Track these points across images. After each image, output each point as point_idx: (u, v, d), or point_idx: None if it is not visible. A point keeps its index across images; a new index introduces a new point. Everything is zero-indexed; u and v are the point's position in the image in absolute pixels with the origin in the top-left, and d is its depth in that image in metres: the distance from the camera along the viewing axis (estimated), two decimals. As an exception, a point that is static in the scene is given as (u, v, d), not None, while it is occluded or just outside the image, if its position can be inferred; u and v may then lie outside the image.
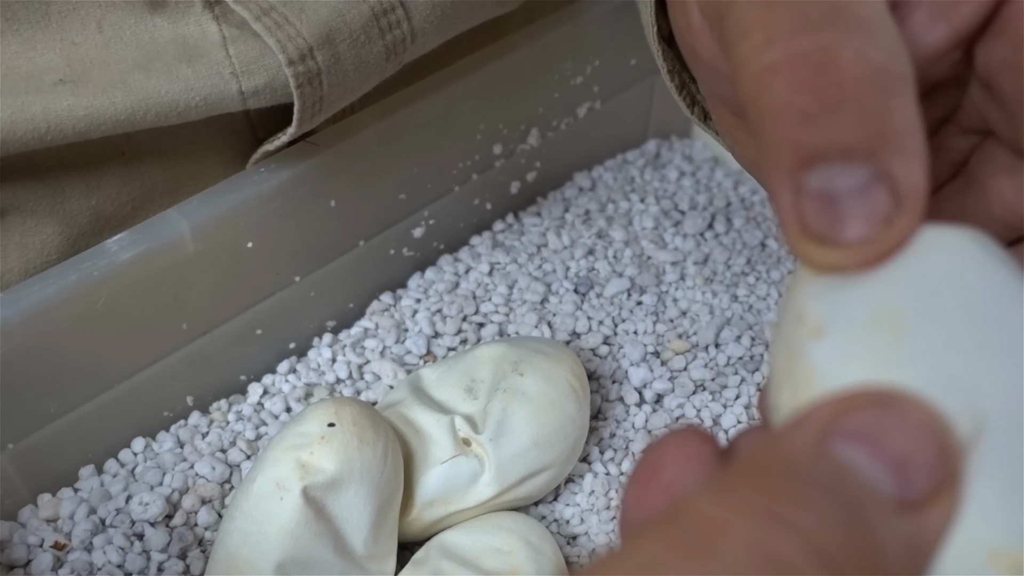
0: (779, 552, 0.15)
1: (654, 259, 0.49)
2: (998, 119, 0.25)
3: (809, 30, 0.20)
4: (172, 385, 0.40)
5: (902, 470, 0.17)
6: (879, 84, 0.20)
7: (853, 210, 0.19)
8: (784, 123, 0.20)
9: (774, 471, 0.16)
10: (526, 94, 0.47)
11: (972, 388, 0.18)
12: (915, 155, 0.19)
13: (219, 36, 0.36)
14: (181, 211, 0.37)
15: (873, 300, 0.19)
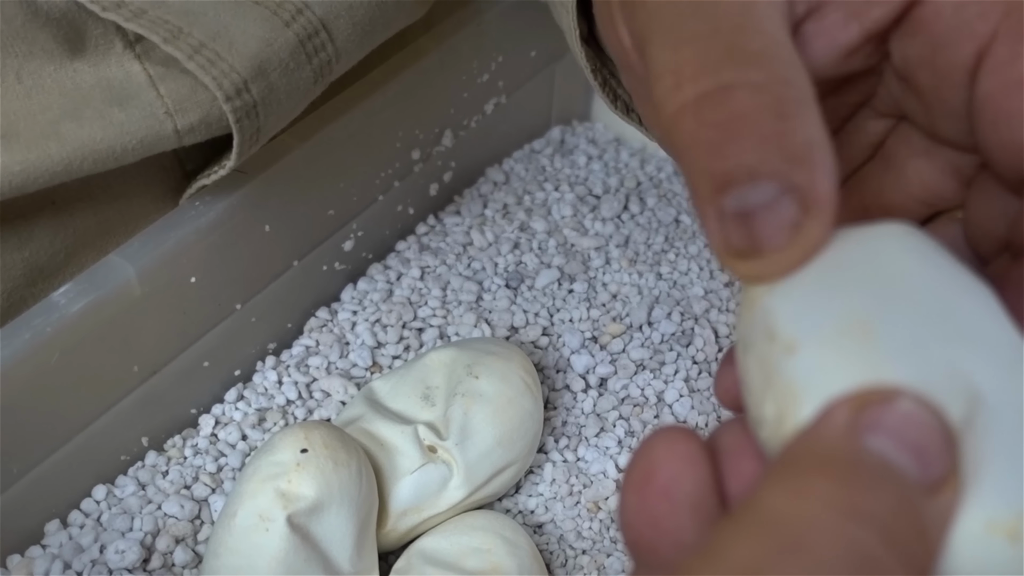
0: (864, 543, 0.17)
1: (578, 246, 0.51)
2: (914, 108, 0.27)
3: (709, 71, 0.23)
4: (127, 428, 0.41)
5: (923, 457, 0.19)
6: (774, 110, 0.22)
7: (765, 223, 0.21)
8: (697, 156, 0.22)
9: (830, 463, 0.18)
10: (438, 97, 0.49)
11: (950, 376, 0.20)
12: (817, 165, 0.22)
13: (145, 76, 0.36)
14: (124, 255, 0.38)
15: (836, 308, 0.21)
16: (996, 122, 0.25)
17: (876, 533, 0.17)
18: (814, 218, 0.21)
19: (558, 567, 0.41)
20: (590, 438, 0.44)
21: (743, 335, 0.23)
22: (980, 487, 0.19)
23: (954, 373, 0.20)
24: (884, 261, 0.22)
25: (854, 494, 0.17)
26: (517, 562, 0.39)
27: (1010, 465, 0.19)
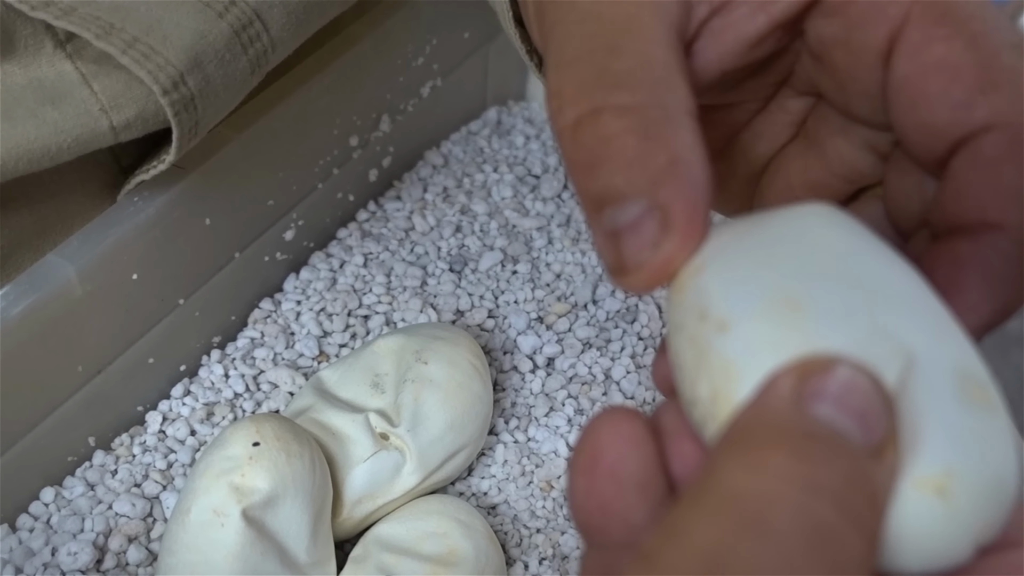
0: (823, 516, 0.17)
1: (519, 227, 0.51)
2: (828, 87, 0.28)
3: (584, 94, 0.24)
4: (73, 429, 0.40)
5: (866, 422, 0.20)
6: (639, 131, 0.23)
7: (628, 242, 0.23)
8: (575, 177, 0.24)
9: (789, 435, 0.19)
10: (374, 82, 0.49)
11: (882, 341, 0.21)
12: (680, 183, 0.23)
13: (77, 74, 0.36)
14: (63, 255, 0.38)
15: (765, 285, 0.22)
16: (913, 105, 0.26)
17: (832, 504, 0.18)
18: (671, 237, 0.22)
19: (513, 547, 0.42)
20: (540, 418, 0.45)
21: (673, 318, 0.23)
22: (912, 444, 0.20)
23: (886, 339, 0.21)
24: (809, 238, 0.23)
25: (810, 466, 0.18)
26: (473, 544, 0.39)
27: (937, 423, 0.20)
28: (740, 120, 0.32)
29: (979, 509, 0.20)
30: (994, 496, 0.20)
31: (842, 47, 0.27)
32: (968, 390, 0.21)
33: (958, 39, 0.25)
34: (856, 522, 0.18)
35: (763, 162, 0.32)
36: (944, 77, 0.25)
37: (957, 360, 0.21)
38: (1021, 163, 0.25)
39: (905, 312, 0.22)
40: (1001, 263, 0.24)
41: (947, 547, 0.20)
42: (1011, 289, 0.24)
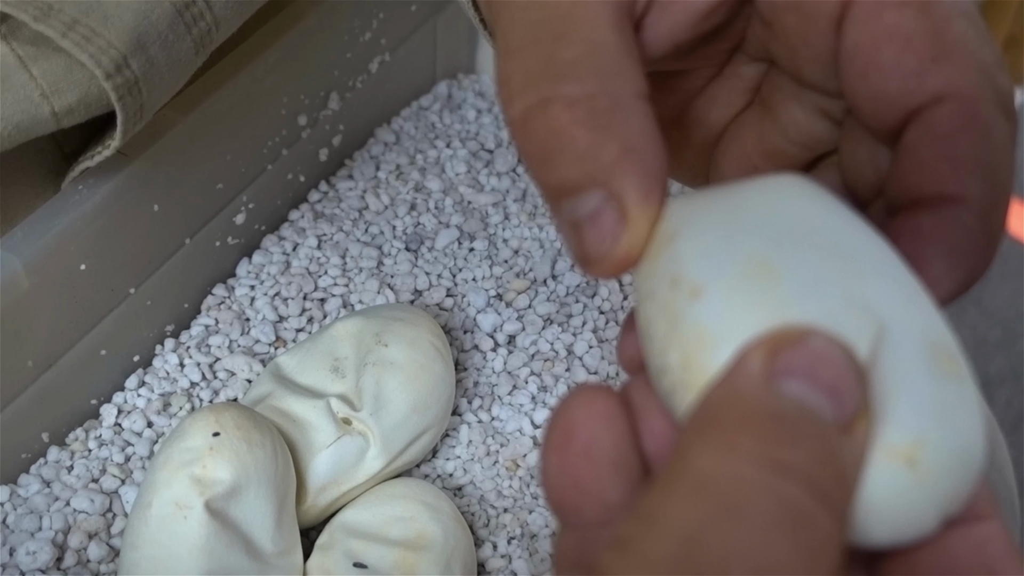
0: (794, 498, 0.18)
1: (475, 203, 0.51)
2: (780, 52, 0.28)
3: (531, 85, 0.24)
4: (25, 425, 0.40)
5: (836, 395, 0.20)
6: (588, 122, 0.23)
7: (589, 234, 0.23)
8: (531, 168, 0.24)
9: (758, 416, 0.19)
10: (321, 60, 0.48)
11: (855, 310, 0.21)
12: (633, 171, 0.23)
13: (14, 58, 0.35)
14: (7, 247, 0.37)
15: (739, 252, 0.22)
16: (866, 74, 0.26)
17: (803, 485, 0.18)
18: (629, 229, 0.23)
19: (481, 527, 0.42)
20: (503, 396, 0.45)
21: (643, 285, 0.23)
22: (883, 415, 0.20)
23: (859, 307, 0.21)
24: (781, 207, 0.23)
25: (779, 448, 0.18)
26: (441, 527, 0.39)
27: (908, 393, 0.20)
28: (694, 87, 0.32)
29: (947, 480, 0.20)
30: (962, 467, 0.21)
31: (793, 11, 0.27)
32: (939, 360, 0.21)
33: (909, 7, 0.25)
34: (826, 501, 0.18)
35: (718, 129, 0.32)
36: (896, 46, 0.25)
37: (928, 330, 0.21)
38: (976, 134, 0.25)
39: (877, 281, 0.22)
40: (963, 236, 0.25)
41: (914, 518, 0.21)
42: (973, 261, 0.25)
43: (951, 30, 0.25)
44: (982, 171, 0.25)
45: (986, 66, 0.25)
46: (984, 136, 0.25)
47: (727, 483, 0.18)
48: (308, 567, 0.39)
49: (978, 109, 0.25)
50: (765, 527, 0.17)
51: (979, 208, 0.25)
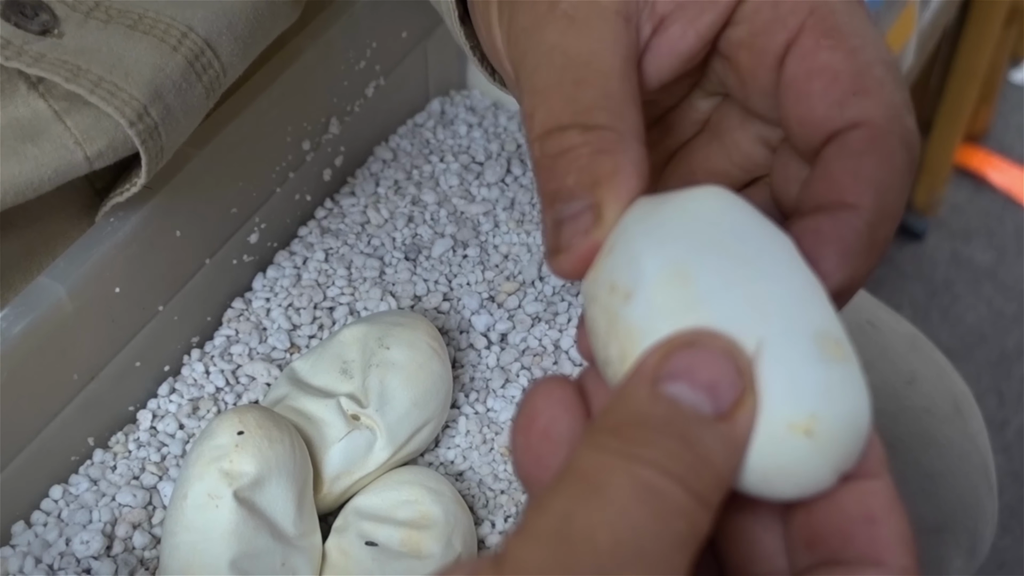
0: (647, 479, 0.24)
1: (467, 213, 0.57)
2: (733, 84, 0.35)
3: (553, 117, 0.31)
4: (73, 431, 0.46)
5: (713, 391, 0.26)
6: (593, 146, 0.30)
7: (566, 228, 0.30)
8: (538, 176, 0.31)
9: (625, 423, 0.25)
10: (320, 89, 0.55)
11: (752, 310, 0.27)
12: (616, 188, 0.30)
13: (50, 112, 0.42)
14: (53, 276, 0.43)
15: (661, 261, 0.28)
16: (797, 101, 0.32)
17: (656, 470, 0.24)
18: (599, 228, 0.30)
19: (480, 508, 0.48)
20: (497, 390, 0.51)
21: (589, 291, 0.30)
22: (780, 397, 0.26)
23: (757, 307, 0.27)
24: (702, 217, 0.29)
25: (632, 446, 0.24)
26: (443, 508, 0.45)
27: (802, 376, 0.26)
28: (653, 115, 0.38)
29: (839, 444, 0.26)
30: (851, 433, 0.26)
31: (746, 49, 0.33)
32: (826, 346, 0.27)
33: (840, 50, 0.32)
34: (684, 481, 0.24)
35: (670, 153, 0.39)
36: (825, 79, 0.32)
37: (818, 322, 0.27)
38: (878, 157, 0.31)
39: (776, 283, 0.28)
40: (853, 237, 0.31)
41: (814, 476, 0.27)
42: (859, 260, 0.31)
43: (872, 73, 0.32)
44: (877, 187, 0.31)
45: (897, 106, 0.32)
46: (885, 160, 0.31)
47: (594, 471, 0.24)
48: (326, 547, 0.45)
49: (884, 138, 0.31)
50: (622, 500, 0.23)
51: (869, 216, 0.31)
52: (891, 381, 0.65)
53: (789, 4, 0.32)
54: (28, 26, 0.41)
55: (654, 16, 0.33)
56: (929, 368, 0.67)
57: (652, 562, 0.23)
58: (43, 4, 0.42)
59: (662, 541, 0.23)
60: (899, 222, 0.32)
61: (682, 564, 0.24)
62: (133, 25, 0.43)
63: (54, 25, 0.42)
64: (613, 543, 0.23)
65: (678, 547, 0.24)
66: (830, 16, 0.32)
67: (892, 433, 0.64)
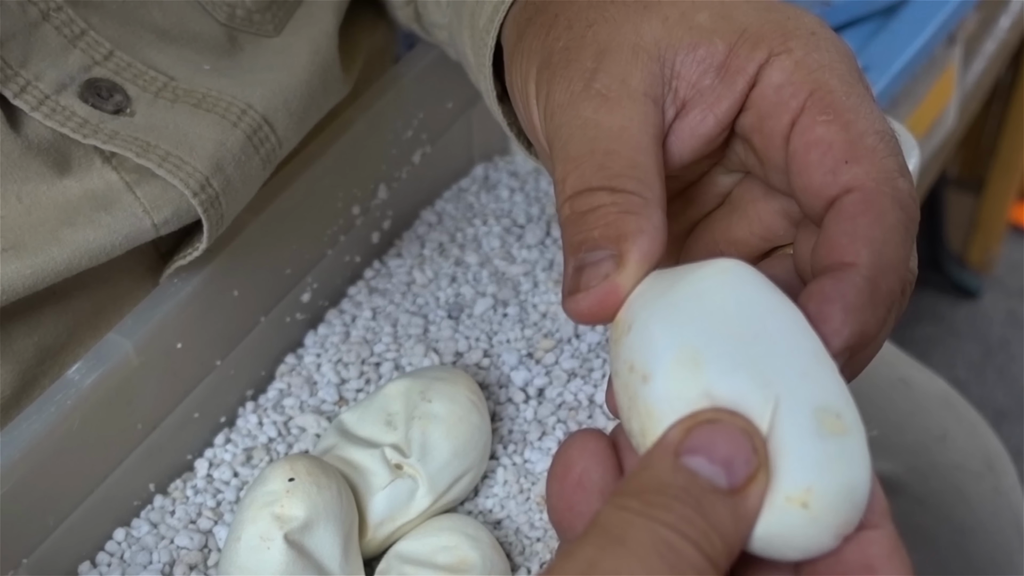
0: (665, 536, 0.27)
1: (507, 274, 0.62)
2: (753, 164, 0.39)
3: (584, 181, 0.35)
4: (136, 478, 0.51)
5: (729, 466, 0.29)
6: (620, 207, 0.34)
7: (587, 272, 0.34)
8: (565, 231, 0.35)
9: (647, 488, 0.29)
10: (369, 157, 0.59)
11: (761, 389, 0.30)
12: (637, 244, 0.34)
13: (122, 183, 0.47)
14: (121, 332, 0.48)
15: (675, 342, 0.31)
16: (799, 172, 0.36)
17: (673, 530, 0.28)
18: (619, 273, 0.33)
19: (517, 555, 0.52)
20: (534, 442, 0.55)
21: (613, 366, 0.33)
22: (781, 470, 0.29)
23: (764, 387, 0.30)
24: (712, 298, 0.32)
25: (656, 510, 0.28)
26: (480, 554, 0.49)
27: (800, 452, 0.29)
28: (675, 188, 0.42)
29: (836, 513, 0.29)
30: (847, 501, 0.29)
31: (758, 132, 0.38)
32: (825, 421, 0.30)
33: (836, 124, 0.36)
34: (692, 542, 0.28)
35: (692, 223, 0.43)
36: (820, 150, 0.36)
37: (820, 396, 0.30)
38: (871, 217, 0.35)
39: (783, 358, 0.31)
40: (854, 294, 0.34)
41: (814, 542, 0.30)
42: (864, 315, 0.34)
43: (864, 142, 0.36)
44: (873, 245, 0.34)
45: (889, 171, 0.36)
46: (878, 219, 0.35)
47: (617, 527, 0.28)
48: (370, 589, 0.49)
49: (876, 199, 0.35)
50: (642, 551, 0.27)
51: (867, 272, 0.34)
52: (922, 438, 0.68)
53: (791, 88, 0.37)
54: (103, 106, 0.46)
55: (677, 100, 0.38)
56: (962, 426, 0.70)
57: None
58: (117, 86, 0.47)
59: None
60: (903, 275, 0.35)
61: None
62: (197, 104, 0.48)
63: (126, 104, 0.47)
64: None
65: None
66: (828, 95, 0.36)
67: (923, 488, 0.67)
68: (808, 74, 0.37)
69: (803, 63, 0.37)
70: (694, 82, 0.38)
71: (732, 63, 0.37)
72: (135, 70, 0.48)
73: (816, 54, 0.37)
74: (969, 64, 1.05)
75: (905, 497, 0.64)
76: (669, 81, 0.38)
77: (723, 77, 0.38)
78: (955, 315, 1.61)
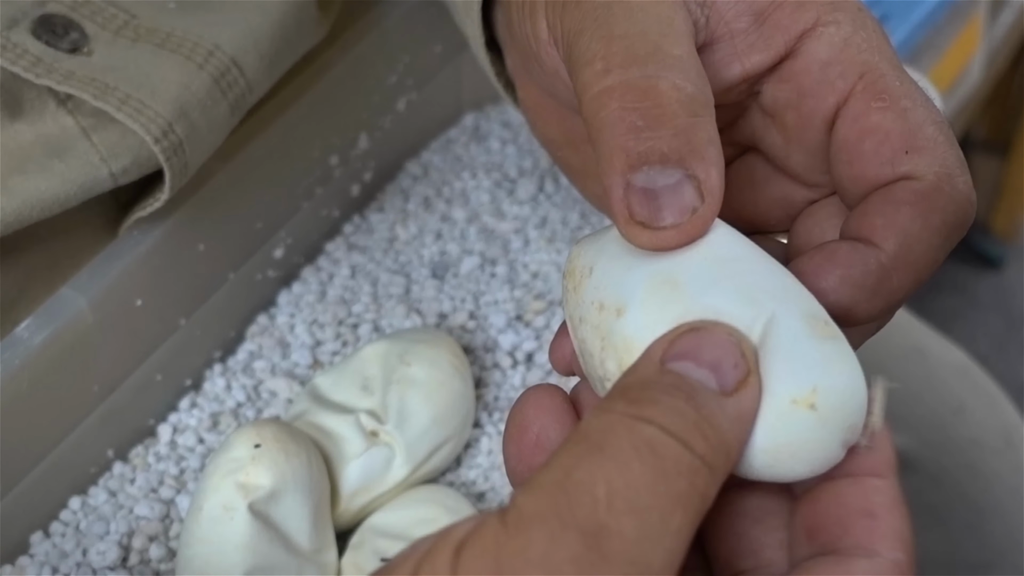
0: (648, 436, 0.26)
1: (497, 230, 0.60)
2: (772, 142, 0.37)
3: (638, 63, 0.32)
4: (93, 443, 0.50)
5: (717, 369, 0.28)
6: (688, 107, 0.32)
7: (668, 203, 0.31)
8: (616, 134, 0.31)
9: (632, 386, 0.28)
10: (349, 103, 0.58)
11: (742, 301, 0.30)
12: (713, 162, 0.31)
13: (77, 128, 0.45)
14: (75, 288, 0.47)
15: (646, 275, 0.31)
16: (849, 162, 0.35)
17: (657, 428, 0.26)
18: (706, 206, 0.31)
19: (500, 529, 0.51)
20: (520, 409, 0.54)
21: (575, 313, 0.32)
22: (781, 374, 0.29)
23: (746, 298, 0.30)
24: None
25: (641, 406, 0.27)
26: (460, 527, 0.48)
27: (799, 355, 0.29)
28: None
29: (842, 415, 0.29)
30: (852, 403, 0.29)
31: (794, 110, 0.36)
32: (816, 326, 0.30)
33: (892, 111, 0.35)
34: (680, 439, 0.26)
35: None
36: (876, 139, 0.34)
37: (804, 307, 0.30)
38: (919, 210, 0.33)
39: (761, 278, 0.31)
40: (862, 270, 0.33)
41: (822, 450, 0.29)
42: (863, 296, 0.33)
43: (923, 132, 0.34)
44: (906, 239, 0.33)
45: (950, 166, 0.34)
46: (924, 215, 0.33)
47: (597, 432, 0.27)
48: (342, 564, 0.48)
49: (931, 195, 0.34)
50: (621, 456, 0.26)
51: (887, 260, 0.33)
52: (938, 411, 0.67)
53: (839, 67, 0.35)
54: (58, 44, 0.45)
55: (705, 31, 0.36)
56: (980, 398, 0.69)
57: (648, 516, 0.25)
58: (74, 23, 0.45)
59: (659, 497, 0.26)
60: (922, 281, 0.34)
61: (681, 524, 0.26)
62: (161, 43, 0.46)
63: (84, 43, 0.46)
64: (609, 495, 0.25)
65: (677, 505, 0.26)
66: (880, 79, 0.35)
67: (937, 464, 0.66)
68: (858, 54, 0.35)
69: (852, 41, 0.35)
70: (728, 19, 0.36)
71: (774, 15, 0.35)
72: (93, 6, 0.47)
73: (864, 32, 0.35)
74: (997, 15, 1.03)
75: (918, 475, 0.64)
76: (702, 5, 0.35)
77: (760, 26, 0.36)
78: (977, 286, 1.60)
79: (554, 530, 0.25)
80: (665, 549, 0.25)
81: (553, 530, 0.25)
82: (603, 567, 0.25)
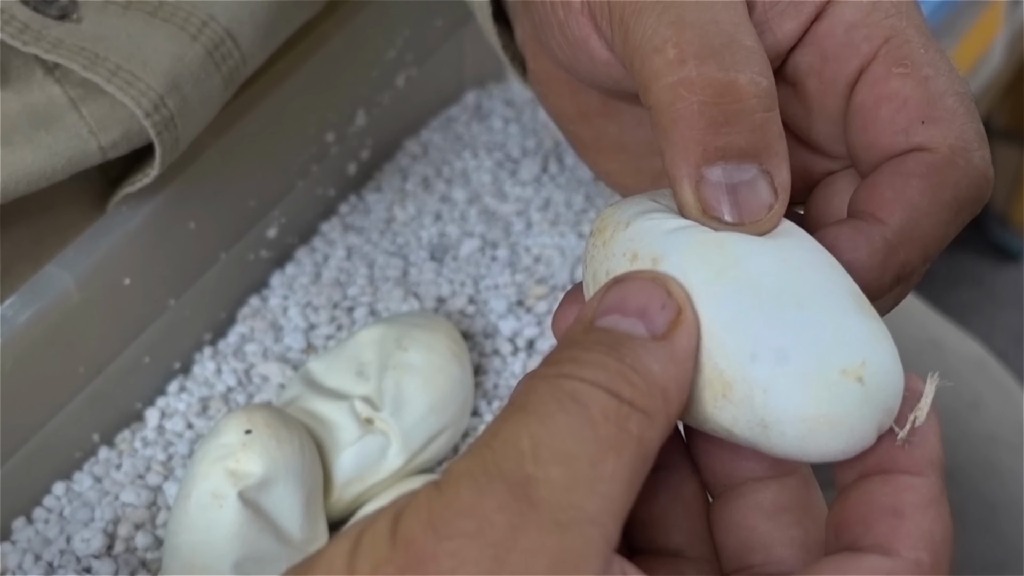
0: (570, 389, 0.27)
1: (498, 212, 0.60)
2: (795, 111, 0.37)
3: (715, 56, 0.33)
4: (78, 427, 0.50)
5: (644, 314, 0.29)
6: (763, 103, 0.32)
7: (746, 199, 0.31)
8: (694, 127, 0.32)
9: (556, 351, 0.29)
10: (347, 79, 0.58)
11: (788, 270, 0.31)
12: (784, 157, 0.32)
13: (66, 99, 0.45)
14: (61, 265, 0.47)
15: (691, 235, 0.31)
16: (864, 128, 0.35)
17: (579, 380, 0.27)
18: (779, 202, 0.32)
19: (498, 521, 0.51)
20: (521, 398, 0.54)
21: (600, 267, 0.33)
22: (831, 343, 0.29)
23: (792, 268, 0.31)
24: None
25: (561, 365, 0.28)
26: (457, 518, 0.48)
27: (848, 327, 0.30)
28: None
29: (885, 393, 0.29)
30: (892, 383, 0.30)
31: (816, 76, 0.36)
32: (862, 304, 0.30)
33: (912, 78, 0.35)
34: (603, 388, 0.27)
35: None
36: (893, 106, 0.35)
37: (848, 285, 0.31)
38: (930, 183, 0.34)
39: (806, 254, 0.32)
40: (866, 249, 0.33)
41: (862, 425, 0.29)
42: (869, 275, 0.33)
43: (943, 102, 0.34)
44: (914, 213, 0.33)
45: (968, 139, 0.34)
46: (934, 189, 0.33)
47: (521, 395, 0.28)
48: (334, 555, 0.48)
49: (943, 169, 0.34)
50: (543, 409, 0.27)
51: (891, 235, 0.33)
52: (953, 405, 0.67)
53: (864, 30, 0.35)
54: (47, 10, 0.45)
55: None
56: (996, 393, 0.69)
57: (575, 463, 0.26)
58: None
59: (586, 444, 0.26)
60: (931, 257, 0.34)
61: (616, 469, 0.27)
62: (153, 12, 0.46)
63: (73, 10, 0.46)
64: (534, 446, 0.26)
65: (608, 450, 0.27)
66: (905, 45, 0.35)
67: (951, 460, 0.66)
68: (885, 17, 0.35)
69: (880, 5, 0.35)
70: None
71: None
72: None
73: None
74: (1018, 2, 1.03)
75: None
76: None
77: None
78: (995, 279, 1.60)
79: (481, 483, 0.26)
80: (599, 495, 0.26)
81: (480, 483, 0.26)
82: (531, 514, 0.26)
